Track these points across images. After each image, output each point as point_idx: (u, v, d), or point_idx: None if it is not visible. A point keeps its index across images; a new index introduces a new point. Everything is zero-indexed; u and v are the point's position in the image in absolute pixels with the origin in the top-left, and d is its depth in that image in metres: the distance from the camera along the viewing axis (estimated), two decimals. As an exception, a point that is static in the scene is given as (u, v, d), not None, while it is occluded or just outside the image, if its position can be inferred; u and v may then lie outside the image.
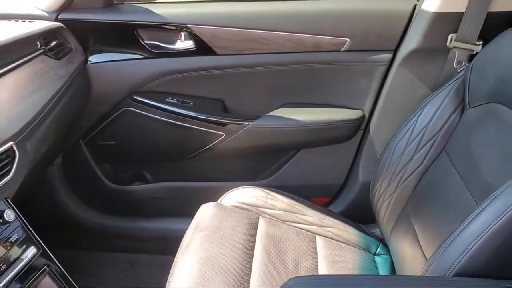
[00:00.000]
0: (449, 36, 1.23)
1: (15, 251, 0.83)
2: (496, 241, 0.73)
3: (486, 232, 0.73)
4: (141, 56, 1.39)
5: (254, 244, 1.13)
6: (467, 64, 1.17)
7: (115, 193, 1.56)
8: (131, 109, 1.43)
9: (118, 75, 1.40)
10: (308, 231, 1.23)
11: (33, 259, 0.85)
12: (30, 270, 0.84)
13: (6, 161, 0.84)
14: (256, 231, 1.17)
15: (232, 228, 1.16)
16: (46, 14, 1.29)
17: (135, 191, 1.57)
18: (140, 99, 1.42)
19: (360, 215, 1.38)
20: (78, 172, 1.52)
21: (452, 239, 0.79)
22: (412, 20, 1.32)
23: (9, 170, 0.84)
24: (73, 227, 1.56)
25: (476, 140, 1.00)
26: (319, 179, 1.55)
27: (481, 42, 1.19)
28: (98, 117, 1.44)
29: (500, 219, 0.72)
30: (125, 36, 1.37)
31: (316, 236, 1.22)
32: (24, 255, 0.84)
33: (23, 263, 0.83)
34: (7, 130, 0.86)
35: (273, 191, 1.32)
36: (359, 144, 1.49)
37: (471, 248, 0.74)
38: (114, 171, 1.57)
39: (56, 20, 1.30)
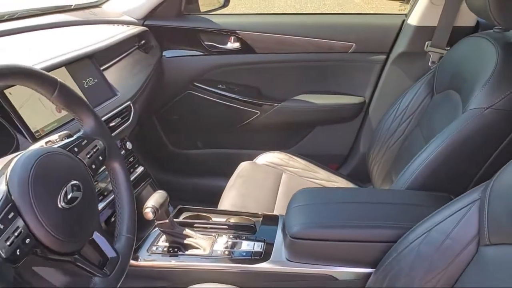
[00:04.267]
0: (426, 43, 1.64)
1: (131, 167, 1.31)
2: (433, 165, 1.13)
3: (426, 160, 1.14)
4: (201, 53, 1.82)
5: (278, 188, 1.54)
6: (438, 64, 1.56)
7: (175, 156, 1.99)
8: (192, 92, 1.86)
9: (183, 67, 1.83)
10: (319, 184, 1.63)
11: (141, 174, 1.33)
12: (139, 180, 1.33)
13: (126, 113, 1.33)
14: (280, 181, 1.57)
15: (263, 178, 1.57)
16: (136, 21, 1.75)
17: (190, 155, 2.00)
18: (199, 85, 1.85)
19: (360, 177, 1.76)
20: (149, 138, 1.95)
21: (406, 168, 1.22)
22: (401, 31, 1.72)
23: (128, 119, 1.33)
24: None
25: (436, 114, 1.38)
26: (329, 149, 1.93)
27: (448, 48, 1.58)
28: (167, 98, 1.87)
29: (435, 151, 1.13)
30: (190, 38, 1.81)
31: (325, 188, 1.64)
32: (136, 170, 1.32)
33: (136, 174, 1.31)
34: (127, 95, 1.35)
35: (294, 155, 1.70)
36: (361, 123, 1.87)
37: (417, 171, 1.15)
38: (175, 139, 2.00)
39: (143, 25, 1.75)
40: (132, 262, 1.09)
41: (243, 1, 6.86)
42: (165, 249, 1.14)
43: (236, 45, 1.81)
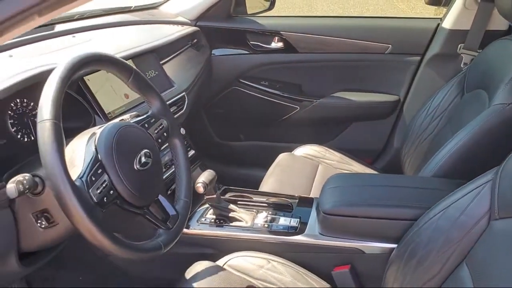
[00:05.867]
0: (459, 45, 1.73)
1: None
2: (456, 156, 1.24)
3: (450, 151, 1.25)
4: (247, 52, 1.97)
5: (314, 177, 1.66)
6: (469, 65, 1.63)
7: (220, 146, 2.15)
8: (237, 88, 2.01)
9: (230, 64, 1.99)
10: (353, 175, 1.76)
11: (192, 156, 1.50)
12: (190, 162, 1.49)
13: (181, 102, 1.50)
14: (316, 171, 1.69)
15: (300, 168, 1.69)
16: (189, 21, 1.92)
17: (233, 146, 2.16)
18: (244, 81, 2.00)
19: (393, 171, 1.85)
20: (197, 129, 2.09)
21: (432, 159, 1.33)
22: (435, 34, 1.81)
23: (183, 107, 1.50)
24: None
25: (465, 111, 1.46)
26: (365, 144, 2.03)
27: (480, 50, 1.65)
28: (214, 93, 2.03)
29: (458, 143, 1.24)
30: (237, 38, 1.96)
31: (359, 179, 1.75)
32: (189, 153, 1.49)
33: (188, 156, 1.48)
34: (182, 86, 1.53)
35: (330, 148, 1.81)
36: (395, 120, 1.96)
37: (441, 161, 1.26)
38: (220, 131, 2.16)
39: (195, 25, 1.92)
40: (184, 230, 1.25)
41: (286, 5, 7.02)
42: (212, 220, 1.30)
43: (280, 45, 1.94)
